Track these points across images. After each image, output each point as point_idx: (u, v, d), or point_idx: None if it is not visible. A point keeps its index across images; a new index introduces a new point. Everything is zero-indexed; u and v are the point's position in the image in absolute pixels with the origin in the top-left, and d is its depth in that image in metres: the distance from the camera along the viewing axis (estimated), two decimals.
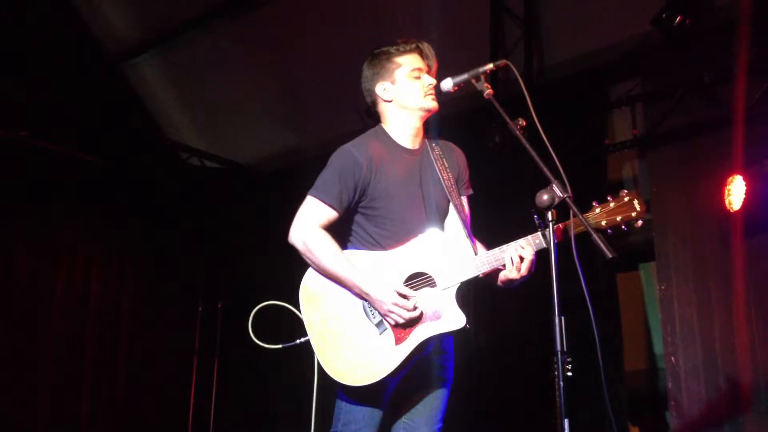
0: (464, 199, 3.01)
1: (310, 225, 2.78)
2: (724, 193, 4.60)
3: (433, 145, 3.00)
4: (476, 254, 2.76)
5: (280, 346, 2.84)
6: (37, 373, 6.24)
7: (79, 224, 6.75)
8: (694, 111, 5.02)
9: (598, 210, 2.61)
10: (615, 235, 2.62)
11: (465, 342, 2.84)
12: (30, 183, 6.37)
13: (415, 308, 2.67)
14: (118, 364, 6.85)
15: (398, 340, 2.69)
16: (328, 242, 2.77)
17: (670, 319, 5.00)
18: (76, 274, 6.69)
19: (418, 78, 2.89)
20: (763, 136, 4.61)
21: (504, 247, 2.70)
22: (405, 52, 2.92)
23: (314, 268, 2.80)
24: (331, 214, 2.79)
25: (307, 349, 2.82)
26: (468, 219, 2.95)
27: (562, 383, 2.14)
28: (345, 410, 2.79)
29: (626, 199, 2.60)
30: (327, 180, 2.81)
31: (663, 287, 5.07)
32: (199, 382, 7.17)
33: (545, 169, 2.32)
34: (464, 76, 2.69)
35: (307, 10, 6.28)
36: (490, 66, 2.64)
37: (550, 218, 2.27)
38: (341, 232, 2.89)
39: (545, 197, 2.26)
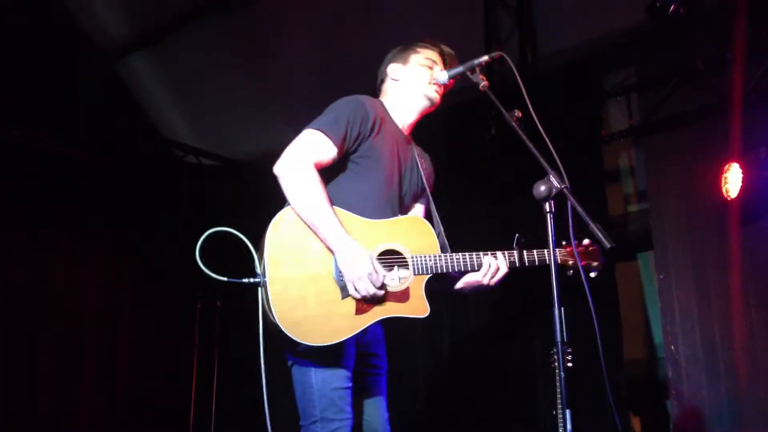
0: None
1: (305, 159, 2.59)
2: (720, 181, 4.60)
3: (416, 144, 3.05)
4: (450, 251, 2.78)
5: (225, 279, 2.66)
6: (35, 371, 6.21)
7: (74, 223, 6.71)
8: (689, 99, 5.01)
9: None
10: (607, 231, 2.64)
11: (463, 338, 2.84)
12: (23, 182, 6.32)
13: (383, 287, 2.56)
14: (117, 362, 6.84)
15: (359, 311, 2.56)
16: (320, 184, 2.58)
17: (669, 308, 5.00)
18: (73, 273, 6.66)
19: (430, 68, 2.93)
20: (759, 123, 4.60)
21: (480, 254, 2.74)
22: (426, 47, 3.00)
23: (294, 207, 2.57)
24: (329, 153, 2.64)
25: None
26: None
27: (563, 374, 2.15)
28: (318, 396, 2.67)
29: (591, 249, 2.84)
30: (334, 118, 2.68)
31: (661, 276, 5.07)
32: (200, 378, 7.15)
33: (542, 160, 2.31)
34: (459, 69, 2.71)
35: (300, 5, 6.25)
36: (485, 58, 2.65)
37: (547, 209, 2.26)
38: None
39: (543, 188, 2.24)
